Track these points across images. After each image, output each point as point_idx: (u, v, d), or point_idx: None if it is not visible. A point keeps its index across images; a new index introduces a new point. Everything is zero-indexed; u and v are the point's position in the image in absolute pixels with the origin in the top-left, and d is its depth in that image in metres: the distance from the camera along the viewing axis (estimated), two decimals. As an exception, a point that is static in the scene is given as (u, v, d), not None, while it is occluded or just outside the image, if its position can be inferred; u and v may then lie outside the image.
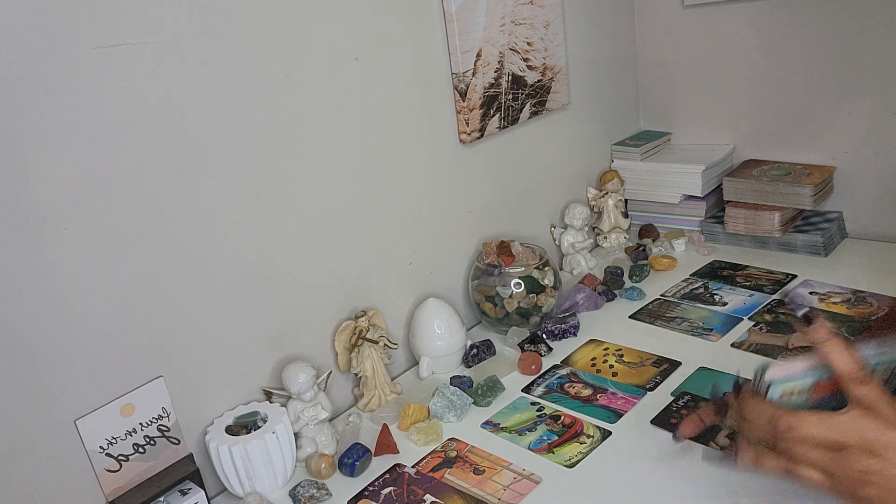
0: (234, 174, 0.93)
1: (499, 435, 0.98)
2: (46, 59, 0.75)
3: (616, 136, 1.58)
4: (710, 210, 1.48)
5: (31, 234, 0.76)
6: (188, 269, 0.90)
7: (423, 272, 1.20)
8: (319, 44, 0.99)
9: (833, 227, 1.36)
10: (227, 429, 0.93)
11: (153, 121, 0.84)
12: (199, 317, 0.92)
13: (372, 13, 1.05)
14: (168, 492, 0.87)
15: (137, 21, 0.81)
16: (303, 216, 1.01)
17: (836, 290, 1.20)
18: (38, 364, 0.78)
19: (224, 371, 0.96)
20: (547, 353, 1.15)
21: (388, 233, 1.14)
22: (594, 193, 1.50)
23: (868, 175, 1.36)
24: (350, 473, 0.93)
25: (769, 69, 1.42)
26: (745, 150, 1.51)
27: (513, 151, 1.33)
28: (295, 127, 0.98)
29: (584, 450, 0.93)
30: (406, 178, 1.15)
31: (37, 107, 0.75)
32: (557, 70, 1.36)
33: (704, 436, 0.90)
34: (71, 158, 0.78)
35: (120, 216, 0.83)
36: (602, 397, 1.03)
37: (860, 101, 1.33)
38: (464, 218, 1.26)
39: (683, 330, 1.16)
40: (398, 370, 1.18)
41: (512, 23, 1.25)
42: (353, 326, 1.07)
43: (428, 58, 1.15)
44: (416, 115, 1.14)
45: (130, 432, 0.86)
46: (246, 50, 0.91)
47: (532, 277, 1.20)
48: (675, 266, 1.38)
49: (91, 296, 0.81)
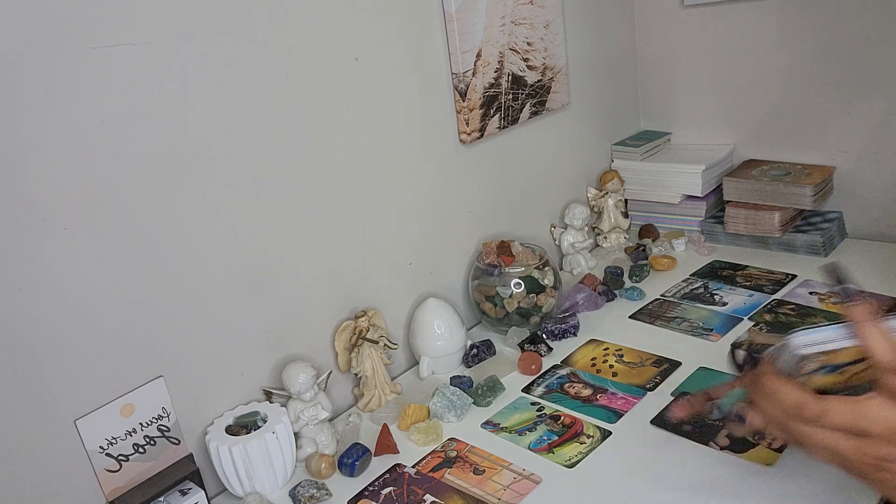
0: (234, 174, 0.93)
1: (499, 435, 0.98)
2: (46, 59, 0.75)
3: (616, 136, 1.58)
4: (710, 210, 1.48)
5: (31, 234, 0.76)
6: (188, 268, 0.90)
7: (423, 272, 1.20)
8: (319, 44, 0.99)
9: (833, 227, 1.36)
10: (227, 429, 0.93)
11: (153, 121, 0.84)
12: (199, 317, 0.92)
13: (372, 13, 1.05)
14: (168, 492, 0.87)
15: (137, 21, 0.81)
16: (303, 216, 1.01)
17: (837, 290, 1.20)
18: (38, 364, 0.78)
19: (224, 371, 0.96)
20: (547, 353, 1.15)
21: (387, 233, 1.14)
22: (594, 193, 1.50)
23: (868, 175, 1.36)
24: (350, 473, 0.93)
25: (769, 69, 1.42)
26: (745, 150, 1.51)
27: (513, 151, 1.33)
28: (295, 127, 0.98)
29: (584, 450, 0.93)
30: (406, 177, 1.15)
31: (37, 107, 0.75)
32: (557, 70, 1.36)
33: (705, 436, 0.90)
34: (71, 158, 0.78)
35: (120, 216, 0.83)
36: (602, 397, 1.03)
37: (860, 101, 1.33)
38: (464, 218, 1.26)
39: (683, 330, 1.16)
40: (398, 370, 1.18)
41: (512, 23, 1.25)
42: (353, 326, 1.07)
43: (428, 58, 1.15)
44: (416, 115, 1.14)
45: (130, 432, 0.86)
46: (246, 50, 0.91)
47: (532, 277, 1.20)
48: (675, 266, 1.38)
49: (91, 296, 0.81)
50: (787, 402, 0.63)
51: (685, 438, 0.91)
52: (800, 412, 0.62)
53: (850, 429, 0.60)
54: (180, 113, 0.86)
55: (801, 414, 0.61)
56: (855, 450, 0.60)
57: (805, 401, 0.61)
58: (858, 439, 0.59)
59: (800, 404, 0.61)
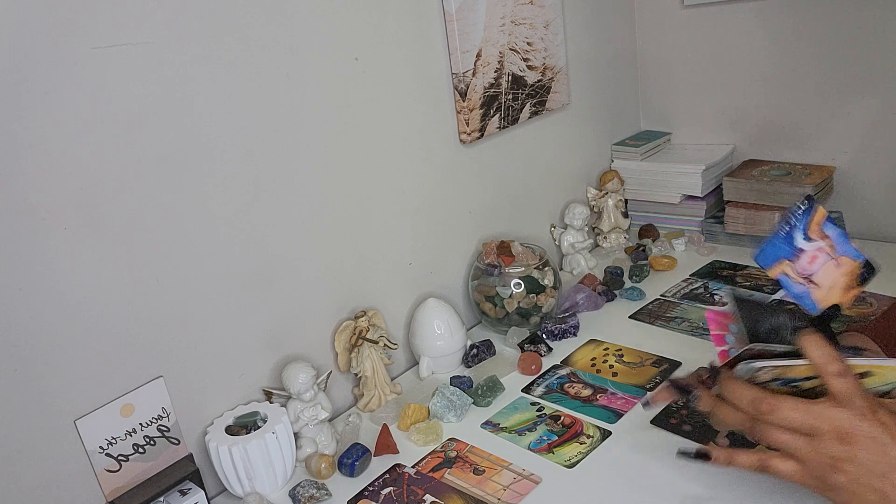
0: (234, 174, 0.93)
1: (499, 435, 0.98)
2: (46, 59, 0.75)
3: (616, 136, 1.58)
4: (710, 210, 1.48)
5: (30, 235, 0.76)
6: (188, 268, 0.90)
7: (423, 272, 1.21)
8: (319, 44, 0.99)
9: (833, 227, 1.36)
10: (227, 429, 0.93)
11: (153, 121, 0.84)
12: (199, 317, 0.92)
13: (372, 13, 1.05)
14: (168, 492, 0.87)
15: (137, 21, 0.81)
16: (303, 216, 1.01)
17: (836, 290, 1.20)
18: (38, 364, 0.78)
19: (224, 371, 0.96)
20: (547, 353, 1.15)
21: (388, 233, 1.14)
22: (594, 193, 1.50)
23: (868, 175, 1.36)
24: (350, 473, 0.93)
25: (769, 69, 1.42)
26: (745, 150, 1.51)
27: (513, 151, 1.33)
28: (295, 127, 0.98)
29: (584, 450, 0.93)
30: (406, 177, 1.15)
31: (37, 107, 0.75)
32: (557, 70, 1.36)
33: (705, 436, 0.90)
34: (71, 158, 0.78)
35: (120, 216, 0.83)
36: (602, 397, 1.03)
37: (860, 101, 1.33)
38: (464, 218, 1.26)
39: (683, 330, 1.16)
40: (398, 370, 1.18)
41: (512, 23, 1.25)
42: (353, 326, 1.07)
43: (428, 58, 1.15)
44: (416, 115, 1.14)
45: (130, 432, 0.86)
46: (246, 50, 0.91)
47: (532, 277, 1.20)
48: (675, 266, 1.38)
49: (91, 296, 0.81)
50: (742, 399, 0.67)
51: (685, 438, 0.91)
52: (755, 407, 0.65)
53: (800, 426, 0.63)
54: (180, 113, 0.86)
55: (756, 409, 0.65)
56: (809, 449, 0.63)
57: (759, 397, 0.65)
58: (811, 439, 0.63)
59: (755, 400, 0.65)
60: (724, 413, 0.69)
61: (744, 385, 0.67)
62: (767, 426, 0.65)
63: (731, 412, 0.68)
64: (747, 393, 0.67)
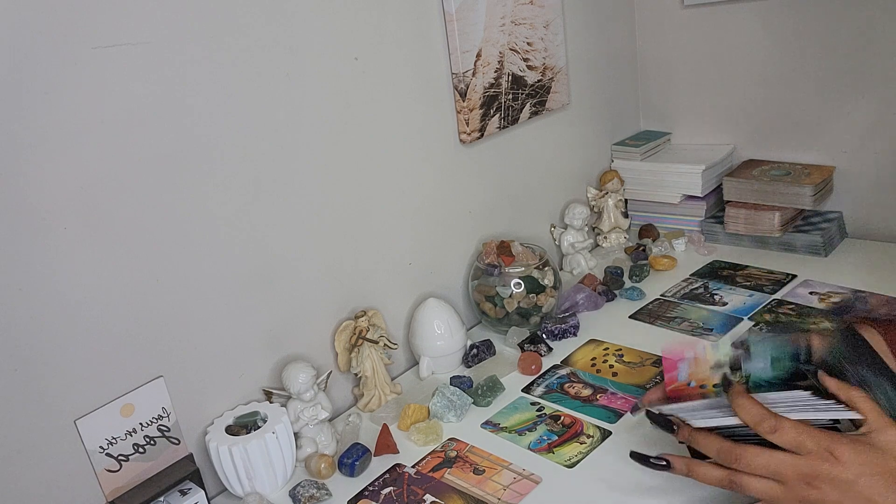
0: (234, 174, 0.93)
1: (499, 435, 0.98)
2: (46, 59, 0.75)
3: (616, 136, 1.58)
4: (710, 210, 1.48)
5: (31, 234, 0.76)
6: (188, 268, 0.90)
7: (423, 272, 1.20)
8: (319, 44, 0.99)
9: (833, 227, 1.36)
10: (227, 429, 0.93)
11: (153, 121, 0.84)
12: (199, 317, 0.92)
13: (372, 13, 1.05)
14: (168, 492, 0.87)
15: (137, 21, 0.81)
16: (302, 216, 1.01)
17: (836, 290, 1.20)
18: (38, 364, 0.78)
19: (224, 371, 0.96)
20: (547, 353, 1.15)
21: (387, 233, 1.14)
22: (594, 193, 1.50)
23: (868, 175, 1.36)
24: (350, 473, 0.93)
25: (769, 69, 1.42)
26: (745, 150, 1.51)
27: (513, 151, 1.33)
28: (295, 127, 0.98)
29: (584, 450, 0.93)
30: (406, 177, 1.15)
31: (37, 107, 0.75)
32: (557, 70, 1.36)
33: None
34: (71, 158, 0.78)
35: (120, 216, 0.83)
36: (602, 397, 1.03)
37: (860, 100, 1.33)
38: (464, 218, 1.26)
39: (683, 330, 1.16)
40: (398, 370, 1.18)
41: (512, 23, 1.25)
42: (353, 326, 1.07)
43: (428, 58, 1.15)
44: (416, 115, 1.14)
45: (130, 432, 0.86)
46: (246, 50, 0.91)
47: (532, 277, 1.20)
48: (675, 266, 1.38)
49: (91, 296, 0.81)
50: (710, 450, 0.70)
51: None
52: (723, 458, 0.69)
53: (767, 474, 0.66)
54: (180, 113, 0.86)
55: (725, 459, 0.69)
56: (783, 492, 0.66)
57: (724, 447, 0.69)
58: (781, 484, 0.65)
59: (720, 450, 0.69)
60: (701, 474, 0.71)
61: (710, 436, 0.70)
62: (742, 475, 0.67)
63: (709, 470, 0.70)
64: (714, 444, 0.69)
